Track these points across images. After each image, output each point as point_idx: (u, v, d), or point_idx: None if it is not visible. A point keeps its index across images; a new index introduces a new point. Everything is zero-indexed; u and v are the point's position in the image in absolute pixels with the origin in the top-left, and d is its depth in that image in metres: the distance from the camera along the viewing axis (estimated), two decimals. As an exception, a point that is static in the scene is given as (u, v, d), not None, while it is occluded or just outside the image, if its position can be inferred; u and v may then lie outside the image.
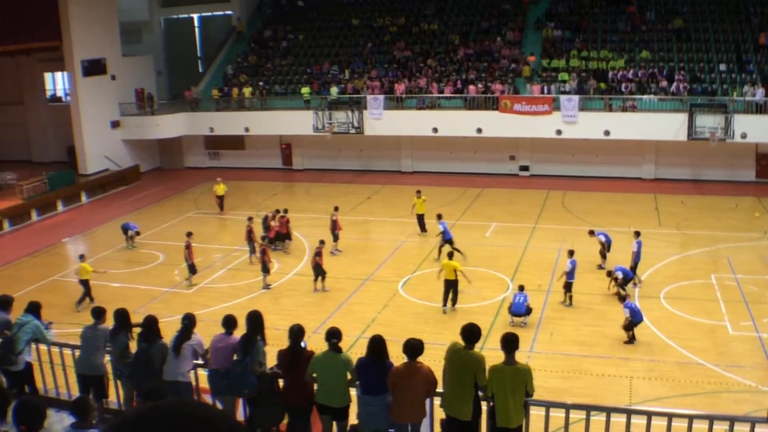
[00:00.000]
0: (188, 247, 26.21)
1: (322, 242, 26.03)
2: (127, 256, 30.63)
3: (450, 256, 24.47)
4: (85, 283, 24.69)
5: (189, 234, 26.94)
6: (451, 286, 23.31)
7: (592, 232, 27.19)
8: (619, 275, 23.83)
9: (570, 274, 23.29)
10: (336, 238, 29.21)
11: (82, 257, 26.00)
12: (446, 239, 27.69)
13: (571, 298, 23.41)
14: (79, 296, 24.68)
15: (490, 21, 47.10)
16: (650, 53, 42.13)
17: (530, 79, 42.29)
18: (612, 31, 44.34)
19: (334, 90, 43.69)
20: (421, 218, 31.21)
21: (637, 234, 25.87)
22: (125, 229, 31.49)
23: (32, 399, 8.69)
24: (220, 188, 36.14)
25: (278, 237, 29.95)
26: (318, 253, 25.39)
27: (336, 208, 29.83)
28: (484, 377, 9.12)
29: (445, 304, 23.44)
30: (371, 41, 48.12)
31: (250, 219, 29.78)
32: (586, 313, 22.90)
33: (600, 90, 40.03)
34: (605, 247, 26.51)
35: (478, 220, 32.87)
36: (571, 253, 23.77)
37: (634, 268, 24.93)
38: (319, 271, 25.39)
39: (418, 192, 31.62)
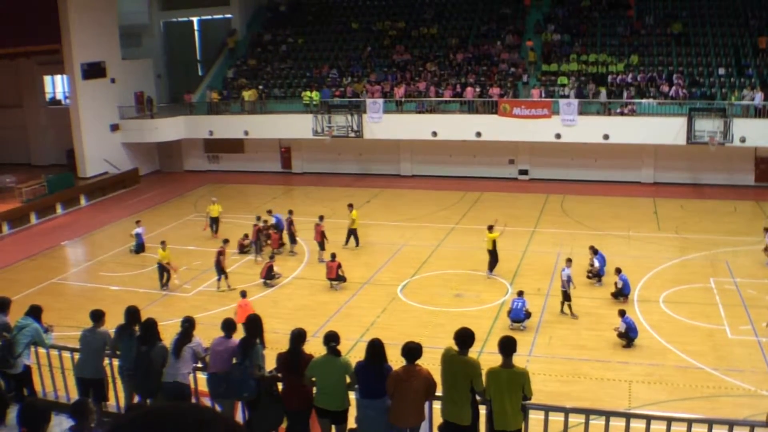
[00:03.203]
0: (222, 253, 26.38)
1: (333, 256, 26.48)
2: (126, 259, 30.62)
3: (490, 229, 26.27)
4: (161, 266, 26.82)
5: (225, 241, 27.40)
6: (492, 255, 26.42)
7: (593, 250, 26.60)
8: (619, 284, 23.77)
9: (565, 283, 23.05)
10: (322, 246, 29.12)
11: (163, 243, 27.08)
12: (279, 228, 30.65)
13: (570, 307, 23.14)
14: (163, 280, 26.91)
15: (489, 25, 47.15)
16: (644, 57, 42.24)
17: (534, 64, 43.22)
18: (611, 35, 44.38)
19: (316, 95, 43.69)
20: (353, 232, 30.68)
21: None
22: (139, 242, 31.41)
23: (37, 402, 8.71)
24: (215, 209, 32.96)
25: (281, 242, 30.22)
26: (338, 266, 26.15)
27: (321, 218, 29.68)
28: (481, 382, 9.11)
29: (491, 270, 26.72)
30: (371, 45, 48.15)
31: (258, 218, 30.50)
32: (585, 317, 22.90)
33: (599, 94, 40.04)
34: (593, 269, 25.89)
35: (477, 224, 32.77)
36: (568, 261, 23.78)
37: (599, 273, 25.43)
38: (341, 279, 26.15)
39: (350, 205, 31.21)
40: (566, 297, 23.03)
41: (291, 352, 10.19)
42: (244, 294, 22.76)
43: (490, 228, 26.50)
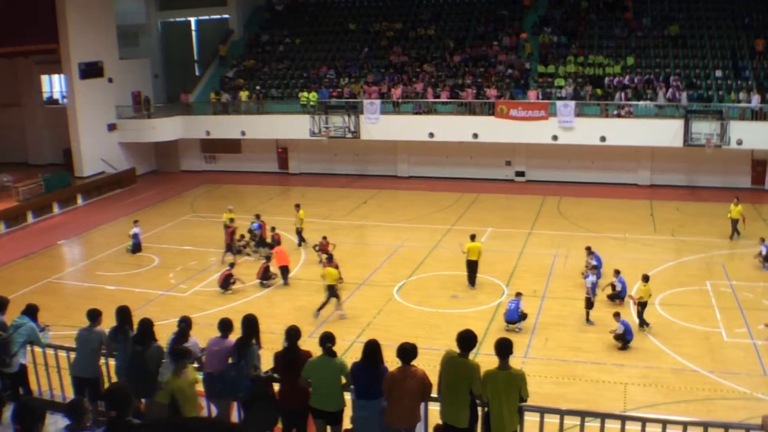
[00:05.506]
0: (230, 276, 26.26)
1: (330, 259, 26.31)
2: (122, 259, 30.60)
3: (472, 238, 25.80)
4: (331, 289, 23.71)
5: (231, 265, 27.18)
6: (474, 266, 25.68)
7: (589, 251, 26.53)
8: (618, 287, 23.73)
9: (589, 290, 22.81)
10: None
11: (330, 258, 25.27)
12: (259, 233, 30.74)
13: (588, 313, 22.83)
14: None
15: (486, 27, 47.19)
16: (641, 59, 42.33)
17: (531, 55, 43.75)
18: (608, 37, 44.44)
19: (313, 96, 43.63)
20: (299, 231, 30.86)
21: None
22: (135, 242, 31.37)
23: (32, 400, 8.69)
24: (230, 217, 31.48)
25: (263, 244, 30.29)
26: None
27: (324, 237, 29.06)
28: (480, 386, 9.10)
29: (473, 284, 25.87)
30: (368, 46, 48.17)
31: (231, 221, 30.62)
32: (581, 319, 22.89)
33: (596, 96, 40.11)
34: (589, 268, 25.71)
35: (474, 226, 32.77)
36: (593, 268, 23.78)
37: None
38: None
39: (297, 206, 31.29)
40: (589, 305, 22.74)
41: (289, 349, 10.19)
42: (279, 241, 27.97)
43: (473, 237, 25.97)
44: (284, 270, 26.64)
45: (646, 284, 22.15)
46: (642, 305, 22.06)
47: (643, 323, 21.92)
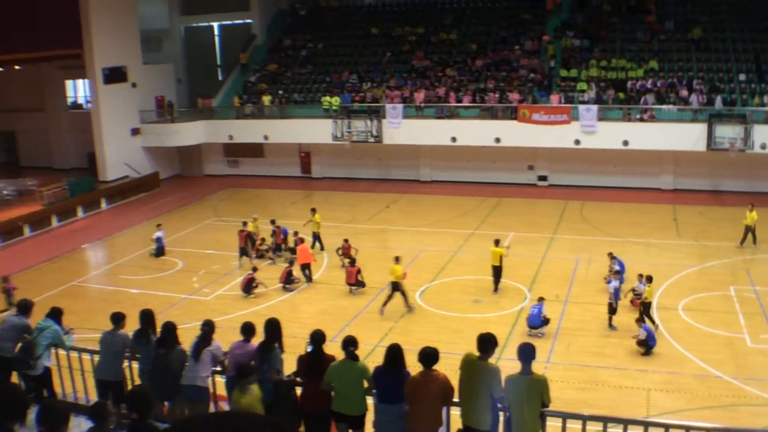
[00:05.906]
0: (252, 279, 26.40)
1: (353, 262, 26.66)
2: (146, 263, 30.79)
3: (497, 243, 25.73)
4: (395, 285, 24.05)
5: (255, 269, 27.27)
6: (497, 271, 25.58)
7: (612, 256, 26.48)
8: (641, 290, 23.55)
9: (612, 296, 22.68)
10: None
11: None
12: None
13: (610, 319, 22.69)
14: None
15: (508, 31, 47.12)
16: (664, 63, 42.07)
17: (553, 58, 43.77)
18: (631, 40, 44.24)
19: (335, 100, 43.79)
20: (316, 236, 30.81)
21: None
22: (159, 245, 31.55)
23: (56, 402, 8.77)
24: (254, 225, 31.12)
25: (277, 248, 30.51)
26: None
27: (346, 240, 29.29)
28: (500, 388, 9.10)
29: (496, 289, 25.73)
30: (390, 50, 48.21)
31: (244, 224, 30.55)
32: (604, 324, 22.77)
33: (618, 100, 39.93)
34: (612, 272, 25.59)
35: (496, 230, 32.69)
36: (616, 273, 23.69)
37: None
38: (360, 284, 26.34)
39: (313, 210, 31.37)
40: (611, 310, 22.58)
41: (314, 353, 10.23)
42: (302, 240, 27.87)
43: (497, 242, 25.92)
44: (306, 268, 26.99)
45: (649, 285, 22.30)
46: (645, 305, 22.13)
47: (642, 320, 21.63)
